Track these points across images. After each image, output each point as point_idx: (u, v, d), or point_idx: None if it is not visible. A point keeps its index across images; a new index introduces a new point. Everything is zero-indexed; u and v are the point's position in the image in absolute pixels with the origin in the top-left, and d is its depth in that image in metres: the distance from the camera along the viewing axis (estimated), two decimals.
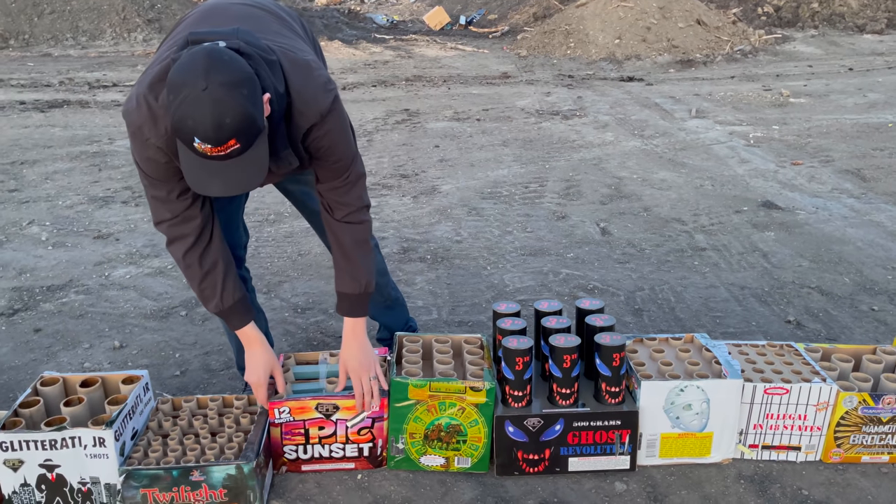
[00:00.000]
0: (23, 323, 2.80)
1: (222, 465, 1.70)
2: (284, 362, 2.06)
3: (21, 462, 1.66)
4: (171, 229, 1.76)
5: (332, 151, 1.72)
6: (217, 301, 1.81)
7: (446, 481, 1.92)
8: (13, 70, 10.23)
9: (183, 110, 1.40)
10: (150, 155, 1.63)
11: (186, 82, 1.40)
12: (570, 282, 3.22)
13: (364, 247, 1.88)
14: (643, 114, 7.07)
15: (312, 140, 1.68)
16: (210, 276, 1.79)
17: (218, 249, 1.81)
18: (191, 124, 1.40)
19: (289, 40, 1.73)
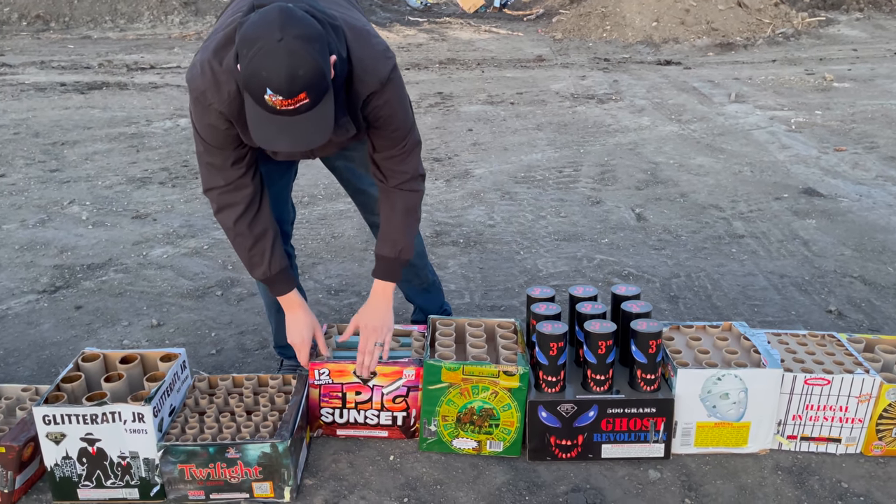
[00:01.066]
0: (64, 300, 2.86)
1: (257, 444, 1.72)
2: (328, 331, 2.08)
3: (63, 435, 1.70)
4: (222, 197, 1.78)
5: (391, 120, 1.73)
6: (265, 268, 1.84)
7: (478, 465, 1.92)
8: (54, 52, 10.43)
9: (257, 62, 1.41)
10: (210, 121, 1.65)
11: (261, 35, 1.41)
12: (604, 268, 3.19)
13: (412, 215, 1.90)
14: (680, 98, 6.94)
15: (372, 109, 1.69)
16: (260, 243, 1.82)
17: (266, 218, 1.83)
18: (264, 75, 1.41)
19: (346, 9, 1.74)
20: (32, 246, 3.46)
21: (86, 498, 1.77)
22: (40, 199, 4.18)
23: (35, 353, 2.48)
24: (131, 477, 1.75)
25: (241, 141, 1.70)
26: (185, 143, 5.58)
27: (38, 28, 12.79)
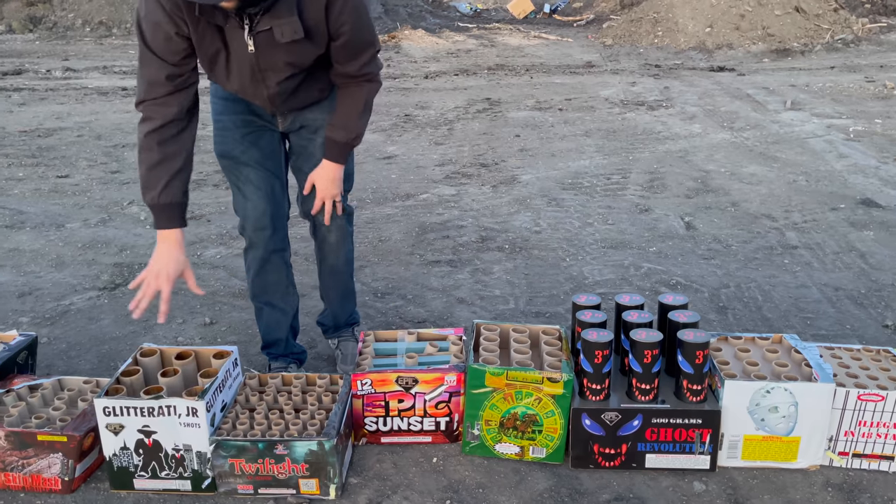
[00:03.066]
0: (123, 297, 2.97)
1: (305, 441, 1.76)
2: (365, 339, 2.12)
3: (122, 427, 1.78)
4: (147, 108, 1.84)
5: (354, 31, 1.83)
6: (154, 194, 1.86)
7: (520, 470, 1.93)
8: (116, 58, 10.81)
9: None
10: (157, 19, 1.73)
11: None
12: (651, 276, 3.16)
13: (368, 107, 2.01)
14: (734, 105, 6.81)
15: (335, 18, 1.79)
16: (162, 166, 1.85)
17: (182, 147, 1.88)
18: None
19: None
20: (94, 244, 3.60)
21: (141, 488, 1.84)
22: (101, 200, 4.35)
23: (95, 347, 2.58)
24: (184, 469, 1.81)
25: (182, 55, 1.78)
26: None
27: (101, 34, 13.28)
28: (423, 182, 4.71)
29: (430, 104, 7.38)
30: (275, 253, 2.19)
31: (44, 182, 4.80)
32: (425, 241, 3.61)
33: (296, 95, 1.99)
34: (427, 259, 3.38)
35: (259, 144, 2.08)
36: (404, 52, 11.28)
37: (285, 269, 2.26)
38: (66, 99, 7.79)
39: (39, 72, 9.74)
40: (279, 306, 2.27)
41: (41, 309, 2.89)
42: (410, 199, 4.35)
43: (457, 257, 3.40)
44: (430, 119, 6.68)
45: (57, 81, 8.94)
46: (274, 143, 2.13)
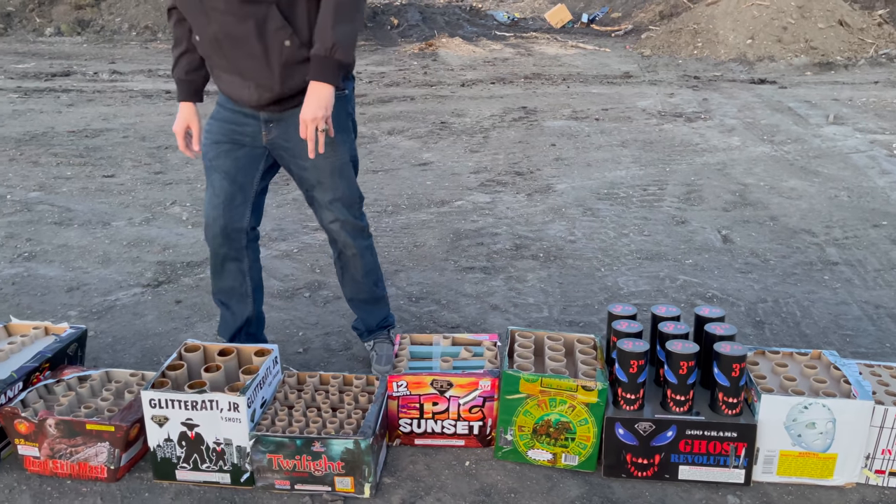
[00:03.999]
0: (166, 294, 3.05)
1: (341, 439, 1.80)
2: (401, 342, 2.15)
3: (166, 419, 1.83)
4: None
5: None
6: (172, 68, 2.15)
7: (552, 476, 1.94)
8: (160, 62, 11.07)
9: None
10: None
11: None
12: (687, 289, 3.14)
13: (342, 12, 1.87)
14: (774, 118, 6.73)
15: None
16: (176, 47, 2.12)
17: (182, 32, 2.07)
18: None
19: None
20: (138, 242, 3.71)
21: (183, 479, 1.89)
22: (145, 199, 4.47)
23: (139, 341, 2.66)
24: (224, 462, 1.86)
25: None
26: None
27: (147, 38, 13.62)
28: (458, 189, 4.74)
29: (466, 112, 7.43)
30: (228, 261, 2.24)
31: (91, 181, 4.94)
32: (460, 248, 3.64)
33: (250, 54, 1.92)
34: (461, 265, 3.41)
35: (234, 155, 2.12)
36: (441, 60, 11.36)
37: (241, 277, 2.28)
38: (113, 101, 8.01)
39: (87, 74, 10.03)
40: (231, 309, 2.33)
41: (88, 303, 2.98)
42: (445, 205, 4.39)
43: (491, 264, 3.42)
44: (465, 127, 6.72)
45: (104, 84, 9.19)
46: (251, 158, 2.13)
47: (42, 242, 3.71)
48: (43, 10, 15.18)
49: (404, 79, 9.71)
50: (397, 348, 2.12)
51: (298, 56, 1.93)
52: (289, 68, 1.94)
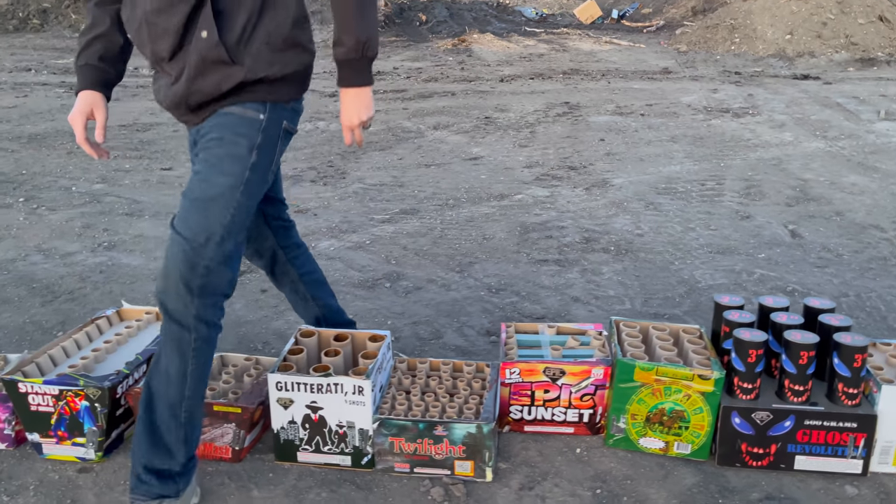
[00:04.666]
0: (250, 283, 3.11)
1: (464, 423, 1.83)
2: (507, 330, 2.18)
3: (291, 401, 1.88)
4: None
5: None
6: (76, 57, 1.78)
7: (665, 464, 1.96)
8: None
9: None
10: None
11: None
12: (765, 282, 3.14)
13: (365, 5, 1.61)
14: (824, 114, 6.68)
15: None
16: (89, 30, 1.76)
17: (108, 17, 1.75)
18: None
19: None
20: None
21: (304, 461, 1.93)
22: None
23: (233, 329, 2.71)
24: (346, 445, 1.90)
25: None
26: (327, 145, 5.89)
27: None
28: (514, 183, 4.76)
29: (509, 107, 7.44)
30: (272, 275, 2.20)
31: (150, 174, 5.02)
32: (529, 241, 3.66)
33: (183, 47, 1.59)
34: (534, 258, 3.43)
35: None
36: (476, 56, 11.37)
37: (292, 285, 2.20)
38: (146, 93, 8.11)
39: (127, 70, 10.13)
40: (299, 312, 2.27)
41: None
42: (505, 199, 4.41)
43: (563, 257, 3.44)
44: (510, 122, 6.74)
45: (145, 79, 9.30)
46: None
47: (119, 232, 3.78)
48: (78, 6, 15.37)
49: (442, 74, 9.74)
50: (504, 336, 2.15)
51: (212, 54, 1.58)
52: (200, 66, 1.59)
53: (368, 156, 5.57)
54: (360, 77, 1.67)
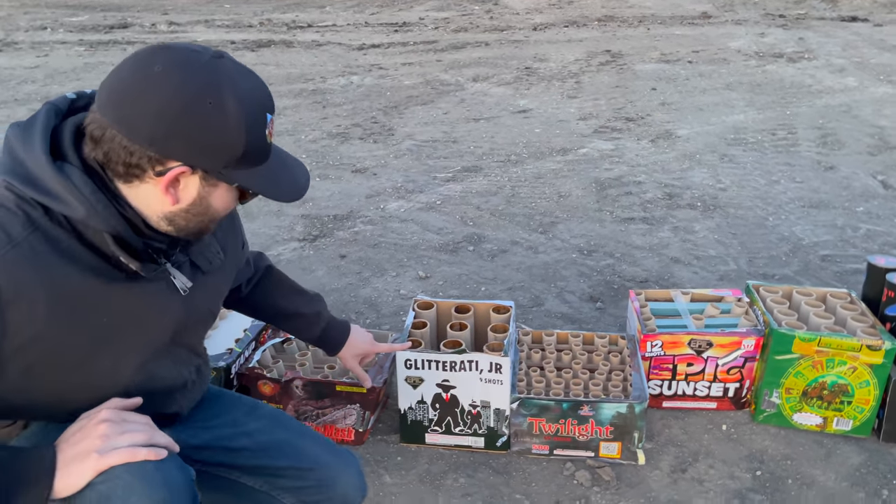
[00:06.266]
0: (326, 248, 2.93)
1: (614, 403, 1.67)
2: (637, 298, 2.00)
3: (421, 380, 1.72)
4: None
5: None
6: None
7: (823, 442, 1.81)
8: (213, 11, 10.84)
9: (231, 89, 0.94)
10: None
11: (193, 71, 0.94)
12: (874, 238, 2.94)
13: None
14: (883, 57, 6.35)
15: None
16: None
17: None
18: (257, 95, 0.99)
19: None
20: None
21: (432, 442, 1.79)
22: None
23: None
24: (479, 426, 1.75)
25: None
26: (366, 100, 5.65)
27: None
28: (573, 136, 4.53)
29: (548, 56, 7.14)
30: None
31: None
32: (609, 197, 3.46)
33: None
34: (619, 216, 3.24)
35: None
36: (503, 4, 10.96)
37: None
38: None
39: (144, 26, 9.85)
40: None
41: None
42: (569, 153, 4.20)
43: (649, 214, 3.25)
44: (552, 72, 6.46)
45: (164, 35, 9.01)
46: None
47: None
48: None
49: (471, 24, 9.38)
50: (637, 305, 1.97)
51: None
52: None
53: (411, 111, 5.33)
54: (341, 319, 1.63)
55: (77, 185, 0.94)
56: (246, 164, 0.99)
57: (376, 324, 2.36)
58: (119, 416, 0.99)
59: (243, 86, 0.96)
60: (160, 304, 1.08)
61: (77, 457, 0.94)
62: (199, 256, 1.15)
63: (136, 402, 1.06)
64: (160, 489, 0.95)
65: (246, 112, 0.96)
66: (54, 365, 0.99)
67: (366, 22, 9.68)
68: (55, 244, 0.95)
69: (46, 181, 0.94)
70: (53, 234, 0.95)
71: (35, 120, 0.98)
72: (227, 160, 0.97)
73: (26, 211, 0.95)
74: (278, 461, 1.28)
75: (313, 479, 1.28)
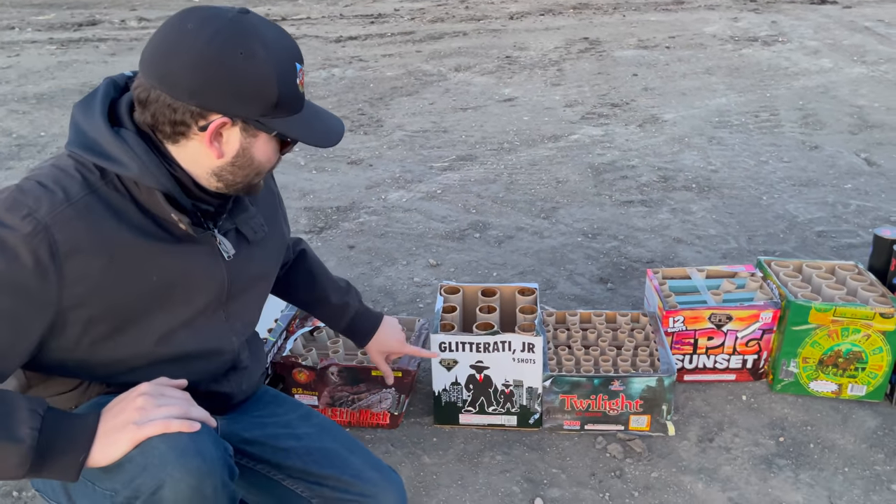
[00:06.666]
0: (333, 240, 2.95)
1: (643, 377, 1.73)
2: (655, 277, 2.06)
3: (455, 362, 1.76)
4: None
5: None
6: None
7: (839, 408, 1.89)
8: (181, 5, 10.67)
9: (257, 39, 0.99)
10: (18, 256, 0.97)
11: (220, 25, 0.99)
12: (865, 213, 3.05)
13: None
14: (855, 38, 6.52)
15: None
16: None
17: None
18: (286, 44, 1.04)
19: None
20: None
21: (466, 423, 1.83)
22: None
23: None
24: (512, 405, 1.79)
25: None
26: (350, 93, 5.64)
27: None
28: (562, 123, 4.59)
29: (528, 45, 7.19)
30: None
31: None
32: (605, 182, 3.52)
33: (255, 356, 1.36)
34: (618, 199, 3.30)
35: None
36: None
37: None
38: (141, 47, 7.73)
39: (114, 22, 9.68)
40: None
41: None
42: (560, 140, 4.25)
43: (647, 197, 3.32)
44: (533, 60, 6.51)
45: (136, 31, 8.87)
46: None
47: None
48: None
49: (447, 14, 9.38)
50: (656, 283, 2.03)
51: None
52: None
53: (397, 102, 5.34)
54: (370, 317, 1.63)
55: (131, 145, 1.02)
56: (281, 112, 1.04)
57: (393, 311, 2.39)
58: (157, 390, 1.03)
59: (270, 36, 1.02)
60: (205, 267, 1.13)
61: (115, 428, 0.98)
62: (244, 225, 1.19)
63: (181, 382, 1.09)
64: (194, 458, 0.98)
65: (276, 60, 1.01)
66: (109, 320, 1.05)
67: (341, 14, 9.63)
68: (109, 204, 1.02)
69: (103, 144, 1.02)
70: (108, 195, 1.03)
71: (95, 93, 1.07)
72: (263, 108, 1.02)
73: (84, 174, 1.03)
74: (322, 469, 1.29)
75: (355, 493, 1.28)
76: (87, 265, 0.99)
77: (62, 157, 1.05)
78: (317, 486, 1.28)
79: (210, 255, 1.13)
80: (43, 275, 0.96)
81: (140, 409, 0.99)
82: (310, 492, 1.29)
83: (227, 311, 1.20)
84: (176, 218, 1.05)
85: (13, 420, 0.93)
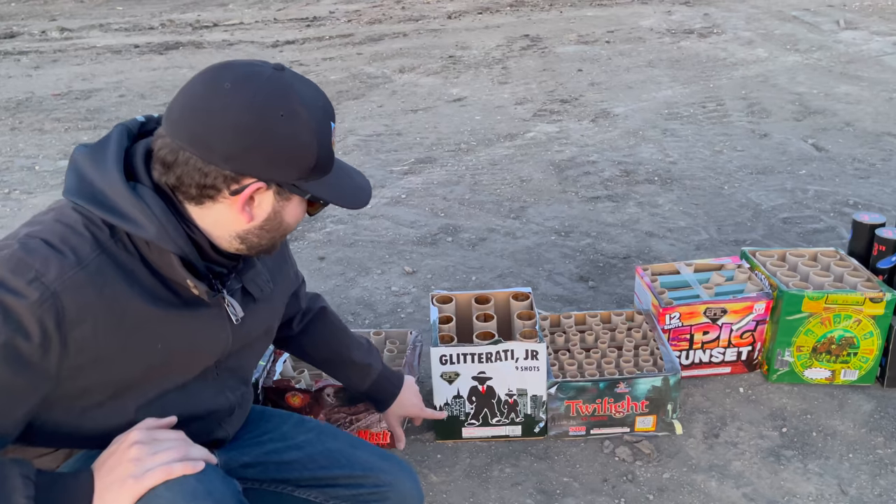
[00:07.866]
0: (301, 252, 2.83)
1: (649, 377, 1.70)
2: (645, 274, 2.04)
3: (457, 375, 1.69)
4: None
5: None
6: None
7: (833, 393, 1.91)
8: (105, 15, 10.24)
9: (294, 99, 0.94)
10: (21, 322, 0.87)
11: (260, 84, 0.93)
12: (824, 198, 3.12)
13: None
14: (786, 28, 6.75)
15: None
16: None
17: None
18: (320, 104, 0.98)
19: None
20: None
21: (469, 436, 1.76)
22: None
23: None
24: (516, 414, 1.74)
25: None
26: None
27: None
28: (515, 121, 4.58)
29: (469, 44, 7.17)
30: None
31: None
32: (569, 178, 3.51)
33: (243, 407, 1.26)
34: (584, 196, 3.29)
35: None
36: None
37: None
38: (81, 60, 7.36)
39: (34, 34, 9.20)
40: None
41: None
42: (516, 138, 4.23)
43: (612, 192, 3.32)
44: (477, 59, 6.49)
45: (59, 43, 8.45)
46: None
47: None
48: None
49: (384, 15, 9.28)
50: (647, 281, 2.01)
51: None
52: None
53: (345, 105, 5.22)
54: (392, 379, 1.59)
55: (149, 205, 0.93)
56: (316, 174, 0.99)
57: (375, 323, 2.30)
58: (149, 437, 0.95)
59: (308, 95, 0.96)
60: (212, 331, 1.07)
61: (113, 484, 0.91)
62: (251, 283, 1.13)
63: (170, 420, 1.02)
64: (204, 500, 0.92)
65: (315, 121, 0.96)
66: (106, 388, 0.97)
67: (274, 18, 9.40)
68: (119, 266, 0.94)
69: (118, 201, 0.93)
70: (118, 255, 0.94)
71: (108, 141, 0.97)
72: (301, 172, 0.97)
73: (93, 232, 0.93)
74: (331, 471, 1.26)
75: (369, 485, 1.27)
76: (92, 333, 0.91)
77: (65, 209, 0.95)
78: (330, 489, 1.26)
79: (218, 317, 1.07)
80: (46, 346, 0.88)
81: (135, 461, 0.92)
82: (324, 496, 1.27)
83: (221, 368, 1.13)
84: (191, 284, 0.98)
85: (6, 490, 0.85)
